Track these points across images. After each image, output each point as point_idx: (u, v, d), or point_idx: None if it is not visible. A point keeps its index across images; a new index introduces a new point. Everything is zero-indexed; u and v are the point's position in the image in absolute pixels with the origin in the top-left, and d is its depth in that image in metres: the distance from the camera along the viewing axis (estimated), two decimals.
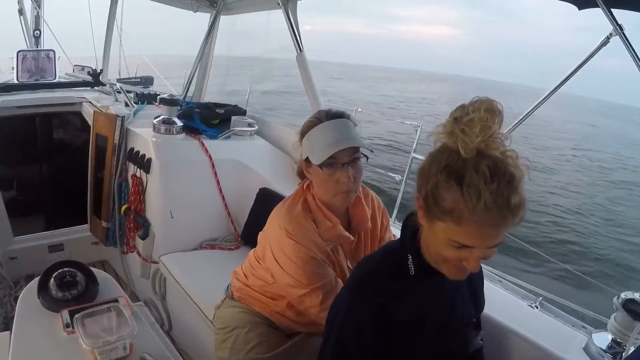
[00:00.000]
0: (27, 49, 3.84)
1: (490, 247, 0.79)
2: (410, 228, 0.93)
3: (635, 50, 1.49)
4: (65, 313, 1.18)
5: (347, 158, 1.18)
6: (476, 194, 0.73)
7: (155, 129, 2.25)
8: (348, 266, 1.32)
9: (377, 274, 0.95)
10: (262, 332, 1.38)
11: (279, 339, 1.38)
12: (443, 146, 0.81)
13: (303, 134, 1.25)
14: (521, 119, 1.86)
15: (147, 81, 4.44)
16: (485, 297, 1.14)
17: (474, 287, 1.08)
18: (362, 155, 1.23)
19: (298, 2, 2.28)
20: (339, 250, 1.31)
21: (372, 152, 1.24)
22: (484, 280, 1.17)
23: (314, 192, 1.28)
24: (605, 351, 1.22)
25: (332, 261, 1.27)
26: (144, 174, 2.25)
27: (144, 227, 2.23)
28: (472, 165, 0.75)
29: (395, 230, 1.91)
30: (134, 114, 2.64)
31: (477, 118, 0.75)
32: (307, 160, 1.24)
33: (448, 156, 0.78)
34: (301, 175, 1.35)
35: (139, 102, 2.92)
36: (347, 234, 1.28)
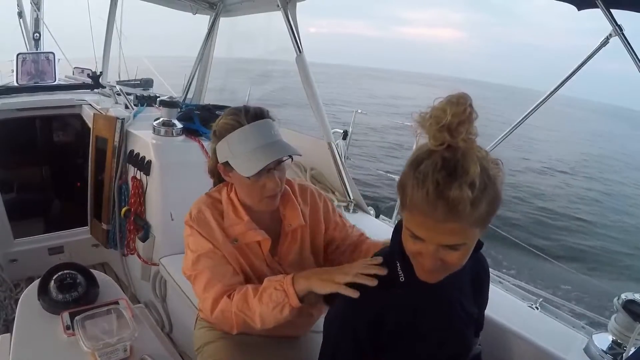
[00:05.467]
0: (26, 51, 3.86)
1: (444, 246, 0.77)
2: (400, 234, 0.91)
3: (635, 51, 1.49)
4: (65, 315, 1.18)
5: (274, 164, 1.10)
6: (422, 181, 0.73)
7: (155, 131, 2.25)
8: (268, 265, 1.22)
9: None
10: (230, 345, 1.30)
11: (249, 349, 1.30)
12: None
13: (220, 136, 1.14)
14: (522, 118, 1.87)
15: (147, 83, 4.46)
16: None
17: (479, 281, 1.05)
18: (288, 157, 1.13)
19: (297, 3, 2.29)
20: (257, 250, 1.21)
21: (300, 155, 1.14)
22: None
23: (236, 192, 1.20)
24: (605, 352, 1.22)
25: (236, 260, 1.18)
26: (144, 176, 2.25)
27: (144, 229, 2.23)
28: (433, 155, 0.75)
29: None
30: (134, 116, 2.64)
31: (438, 112, 0.74)
32: (226, 164, 1.14)
33: (421, 148, 0.79)
34: (215, 175, 1.28)
35: (139, 104, 2.92)
36: (259, 232, 1.18)
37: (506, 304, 1.47)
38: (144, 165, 2.20)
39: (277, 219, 1.25)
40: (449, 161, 0.72)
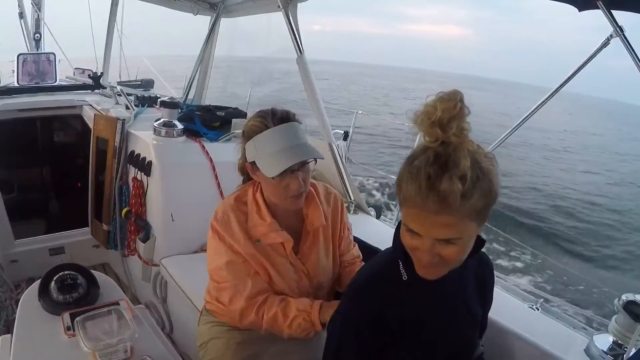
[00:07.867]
0: (27, 52, 3.87)
1: (440, 241, 0.77)
2: None
3: (636, 51, 1.50)
4: (66, 316, 1.18)
5: (298, 165, 1.15)
6: (415, 175, 0.75)
7: (156, 131, 2.25)
8: (292, 264, 1.27)
9: (373, 281, 0.94)
10: (234, 341, 1.33)
11: (254, 345, 1.32)
12: None
13: (248, 137, 1.19)
14: (524, 118, 1.88)
15: (148, 84, 4.47)
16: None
17: (484, 282, 1.05)
18: (312, 159, 1.19)
19: (298, 4, 2.29)
20: (280, 250, 1.26)
21: (323, 159, 1.19)
22: None
23: (262, 190, 1.25)
24: (606, 353, 1.22)
25: (257, 260, 1.23)
26: (144, 177, 2.25)
27: (144, 230, 2.23)
28: (427, 151, 0.76)
29: None
30: (135, 117, 2.64)
31: (429, 108, 0.75)
32: (252, 163, 1.19)
33: (418, 146, 0.80)
34: (244, 173, 1.32)
35: (140, 105, 2.93)
36: (281, 234, 1.23)
37: (507, 305, 1.47)
38: (145, 166, 2.20)
39: (300, 218, 1.31)
40: (441, 155, 0.74)
